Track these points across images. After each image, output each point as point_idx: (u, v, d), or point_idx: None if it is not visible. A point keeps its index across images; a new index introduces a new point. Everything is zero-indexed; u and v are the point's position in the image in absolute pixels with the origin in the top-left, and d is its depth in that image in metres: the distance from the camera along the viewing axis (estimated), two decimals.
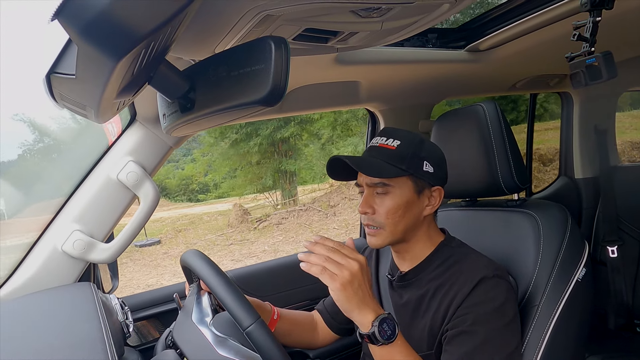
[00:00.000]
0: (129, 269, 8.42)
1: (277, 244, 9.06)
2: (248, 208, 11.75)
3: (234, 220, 10.93)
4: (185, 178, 24.74)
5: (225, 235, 10.25)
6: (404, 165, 1.04)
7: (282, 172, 12.20)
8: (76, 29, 0.45)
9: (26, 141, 14.18)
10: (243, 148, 11.54)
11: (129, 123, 1.35)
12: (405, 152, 1.05)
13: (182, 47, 0.87)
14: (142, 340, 1.55)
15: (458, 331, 0.96)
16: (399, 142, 1.06)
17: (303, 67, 1.33)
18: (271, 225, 10.45)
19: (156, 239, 10.51)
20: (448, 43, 1.61)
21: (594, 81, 1.01)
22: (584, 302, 1.16)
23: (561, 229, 1.19)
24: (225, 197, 17.83)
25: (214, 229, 11.06)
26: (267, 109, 0.62)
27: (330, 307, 1.36)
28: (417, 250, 1.11)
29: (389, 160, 1.04)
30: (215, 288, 0.97)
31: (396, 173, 1.03)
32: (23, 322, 1.00)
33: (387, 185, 1.05)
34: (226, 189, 14.43)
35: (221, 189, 14.93)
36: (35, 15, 3.07)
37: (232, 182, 13.55)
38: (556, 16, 1.28)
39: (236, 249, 8.99)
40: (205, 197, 21.68)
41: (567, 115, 2.45)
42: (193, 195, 22.55)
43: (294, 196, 12.47)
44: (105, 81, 0.55)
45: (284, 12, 0.77)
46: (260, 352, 0.89)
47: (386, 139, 1.09)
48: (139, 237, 10.34)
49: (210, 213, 13.05)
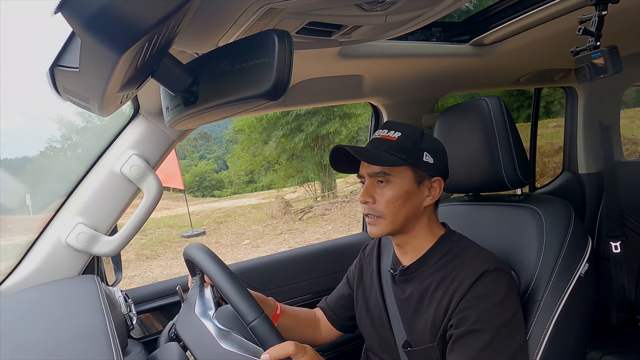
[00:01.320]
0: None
1: (328, 233, 9.34)
2: (289, 200, 12.24)
3: (277, 211, 11.33)
4: (199, 174, 25.55)
5: (272, 225, 10.57)
6: (404, 155, 1.05)
7: (322, 166, 12.71)
8: (80, 21, 0.45)
9: (53, 137, 14.42)
10: (289, 143, 12.12)
11: (132, 116, 1.35)
12: (406, 142, 1.07)
13: (186, 41, 0.87)
14: (146, 333, 1.56)
15: (464, 330, 0.96)
16: (400, 133, 1.08)
17: (306, 60, 1.33)
18: (315, 216, 10.79)
19: (201, 230, 10.81)
20: (452, 37, 1.60)
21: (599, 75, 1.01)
22: (587, 298, 1.15)
23: (564, 224, 1.18)
24: (241, 193, 18.29)
25: (255, 221, 11.43)
26: (270, 102, 0.62)
27: (332, 304, 1.37)
28: (418, 242, 1.12)
29: (390, 150, 1.06)
30: (219, 282, 0.98)
31: (396, 162, 1.05)
32: (27, 314, 1.00)
33: (388, 175, 1.06)
34: (266, 182, 14.85)
35: (261, 182, 15.32)
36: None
37: (271, 175, 14.01)
38: (561, 10, 1.27)
39: (289, 238, 9.25)
40: (221, 193, 22.13)
41: (571, 110, 2.44)
42: (207, 191, 22.89)
43: (333, 189, 12.97)
44: (108, 74, 0.55)
45: (288, 5, 0.77)
46: (264, 346, 0.89)
47: (387, 131, 1.11)
48: (185, 228, 10.90)
49: (242, 206, 13.45)
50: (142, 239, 10.28)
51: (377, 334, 1.20)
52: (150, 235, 10.70)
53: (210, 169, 26.67)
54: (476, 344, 0.94)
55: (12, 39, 27.15)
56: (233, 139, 18.50)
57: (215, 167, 27.55)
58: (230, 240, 9.81)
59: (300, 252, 1.90)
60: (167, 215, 13.83)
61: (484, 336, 0.94)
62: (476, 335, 0.95)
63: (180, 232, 10.94)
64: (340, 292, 1.37)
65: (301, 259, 1.86)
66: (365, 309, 1.25)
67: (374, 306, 1.22)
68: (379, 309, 1.19)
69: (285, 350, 0.88)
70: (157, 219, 12.73)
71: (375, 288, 1.23)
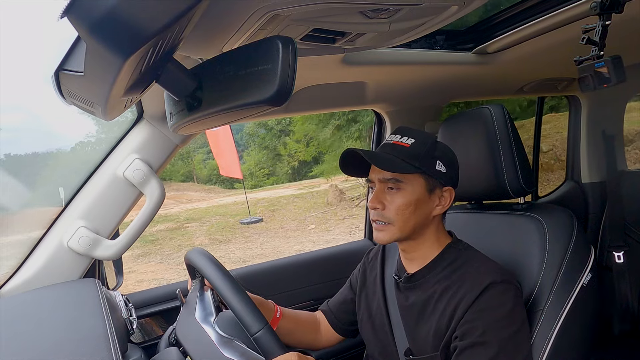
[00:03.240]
0: (262, 239, 9.13)
1: None
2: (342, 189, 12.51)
3: (333, 199, 11.59)
4: (216, 167, 26.08)
5: (331, 212, 10.85)
6: (417, 163, 1.04)
7: None
8: (85, 26, 0.45)
9: (89, 132, 14.84)
10: (345, 133, 12.27)
11: (136, 121, 1.35)
12: (419, 150, 1.06)
13: (190, 46, 0.87)
14: (146, 338, 1.55)
15: (470, 342, 0.95)
16: (414, 140, 1.07)
17: (310, 67, 1.33)
18: None
19: (258, 217, 11.01)
20: (456, 45, 1.60)
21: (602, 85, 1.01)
22: (589, 308, 1.15)
23: (567, 233, 1.18)
24: (262, 186, 18.89)
25: (308, 208, 11.70)
26: (273, 108, 0.62)
27: (334, 307, 1.36)
28: (425, 250, 1.11)
29: (403, 157, 1.05)
30: (223, 291, 0.97)
31: (409, 169, 1.04)
32: (28, 317, 1.00)
33: (399, 182, 1.05)
34: (317, 172, 15.24)
35: (315, 171, 15.77)
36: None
37: (324, 165, 14.47)
38: (565, 19, 1.28)
39: (355, 222, 9.46)
40: (240, 186, 22.90)
41: (574, 119, 2.44)
42: (224, 184, 23.43)
43: None
44: (113, 79, 0.55)
45: (292, 12, 0.77)
46: (268, 358, 0.89)
47: (401, 136, 1.09)
48: (243, 215, 11.16)
49: (284, 196, 13.79)
50: (203, 226, 10.68)
51: (378, 340, 1.20)
52: (207, 223, 11.04)
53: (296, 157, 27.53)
54: (482, 357, 0.93)
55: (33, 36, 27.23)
56: (254, 132, 20.25)
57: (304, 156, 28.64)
58: (294, 225, 10.09)
59: (302, 259, 1.89)
60: (208, 205, 14.16)
61: (490, 349, 0.93)
62: (482, 347, 0.94)
63: (233, 219, 11.20)
64: (342, 296, 1.36)
65: (302, 265, 1.86)
66: (367, 314, 1.24)
67: (376, 312, 1.21)
68: (381, 315, 1.19)
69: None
70: (203, 209, 13.26)
71: (378, 294, 1.22)
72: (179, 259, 7.97)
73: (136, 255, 8.63)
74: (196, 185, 23.27)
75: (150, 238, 9.77)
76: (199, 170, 25.39)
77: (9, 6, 7.99)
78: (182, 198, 16.87)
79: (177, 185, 22.51)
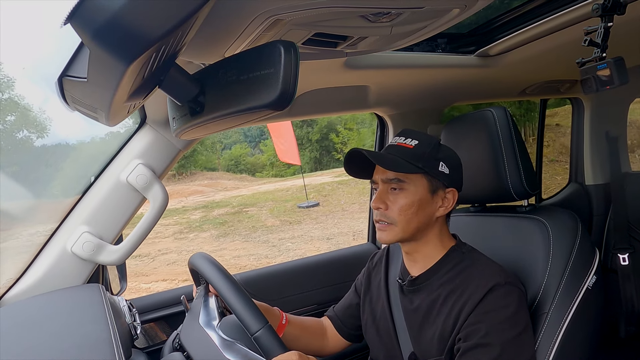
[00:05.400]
0: (331, 220, 9.71)
1: None
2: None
3: None
4: (234, 158, 27.45)
5: None
6: (420, 163, 1.05)
7: None
8: (88, 32, 0.46)
9: (126, 122, 15.22)
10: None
11: (139, 126, 1.36)
12: (423, 151, 1.07)
13: (193, 51, 0.88)
14: (150, 343, 1.55)
15: (473, 344, 0.95)
16: (417, 141, 1.08)
17: (312, 71, 1.34)
18: None
19: (315, 201, 11.37)
20: (458, 48, 1.60)
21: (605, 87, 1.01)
22: (594, 310, 1.14)
23: (571, 235, 1.17)
24: (283, 176, 20.19)
25: (357, 194, 11.99)
26: (276, 112, 0.62)
27: (340, 312, 1.36)
28: (428, 252, 1.11)
29: (406, 158, 1.06)
30: (224, 292, 0.97)
31: (412, 169, 1.04)
32: (32, 323, 1.01)
33: (402, 182, 1.06)
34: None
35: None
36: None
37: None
38: (567, 21, 1.27)
39: None
40: (262, 175, 24.03)
41: (577, 121, 2.43)
42: (243, 174, 23.99)
43: None
44: (116, 84, 0.55)
45: (294, 16, 0.77)
46: (268, 357, 0.89)
47: (405, 138, 1.11)
48: (294, 201, 11.65)
49: (328, 183, 14.18)
50: (262, 210, 11.26)
51: (382, 344, 1.19)
52: (264, 207, 11.56)
53: (244, 153, 28.52)
54: (484, 358, 0.93)
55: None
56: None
57: (248, 150, 29.61)
58: (355, 209, 10.50)
59: (305, 262, 1.89)
60: (252, 192, 14.64)
61: (493, 350, 0.93)
62: (485, 349, 0.94)
63: (288, 204, 11.64)
64: (348, 301, 1.36)
65: (306, 269, 1.85)
66: (371, 318, 1.24)
67: (381, 316, 1.21)
68: (386, 318, 1.19)
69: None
70: (249, 195, 13.91)
71: (383, 297, 1.22)
72: (258, 238, 8.73)
73: (215, 235, 9.31)
74: (227, 174, 24.07)
75: (218, 221, 10.47)
76: (216, 161, 26.45)
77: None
78: (218, 186, 17.36)
79: (210, 174, 23.32)
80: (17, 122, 16.10)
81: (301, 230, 9.09)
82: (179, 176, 23.05)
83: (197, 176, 22.68)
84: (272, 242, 8.55)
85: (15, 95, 17.23)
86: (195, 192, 16.52)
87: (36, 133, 15.34)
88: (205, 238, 9.44)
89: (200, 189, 17.18)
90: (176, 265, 7.60)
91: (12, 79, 16.96)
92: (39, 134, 15.32)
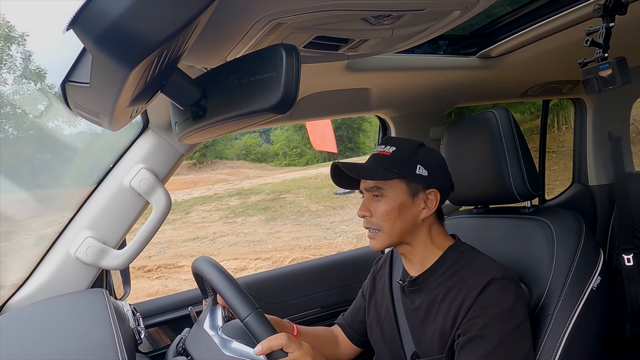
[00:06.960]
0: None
1: None
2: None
3: None
4: (245, 147, 28.29)
5: None
6: (396, 169, 1.07)
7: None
8: (91, 38, 0.46)
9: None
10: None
11: (141, 131, 1.36)
12: (399, 157, 1.09)
13: (194, 56, 0.88)
14: (154, 347, 1.55)
15: (470, 337, 0.96)
16: (395, 148, 1.11)
17: (314, 74, 1.34)
18: None
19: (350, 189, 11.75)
20: (459, 50, 1.60)
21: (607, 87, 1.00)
22: (599, 311, 1.14)
23: (575, 236, 1.17)
24: (295, 165, 20.82)
25: None
26: (278, 116, 0.62)
27: (349, 319, 1.37)
28: (422, 253, 1.12)
29: (383, 165, 1.09)
30: (215, 282, 1.00)
31: (386, 176, 1.07)
32: (36, 328, 1.01)
33: (381, 189, 1.08)
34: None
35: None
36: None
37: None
38: (569, 22, 1.27)
39: None
40: (274, 164, 24.59)
41: (580, 121, 2.43)
42: (254, 163, 24.34)
43: None
44: (118, 89, 0.56)
45: (295, 20, 0.77)
46: (258, 340, 0.90)
47: (385, 146, 1.13)
48: (335, 187, 11.77)
49: None
50: (299, 197, 11.64)
51: (386, 346, 1.20)
52: (300, 194, 11.95)
53: (254, 143, 29.49)
54: (482, 349, 0.94)
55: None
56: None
57: (258, 140, 30.72)
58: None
59: (310, 265, 1.89)
60: (276, 181, 14.98)
61: (491, 341, 0.94)
62: (482, 340, 0.95)
63: (322, 191, 12.00)
64: (356, 307, 1.37)
65: (310, 272, 1.85)
66: (376, 320, 1.25)
67: (385, 317, 1.22)
68: (390, 320, 1.19)
69: (277, 341, 0.89)
70: (279, 183, 14.43)
71: (387, 300, 1.23)
72: (308, 222, 9.21)
73: (263, 220, 9.66)
74: (247, 163, 24.65)
75: (260, 206, 10.90)
76: (226, 151, 27.11)
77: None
78: (240, 175, 17.66)
79: (230, 163, 23.74)
80: (48, 112, 16.37)
81: (348, 215, 9.34)
82: (200, 165, 23.22)
83: (217, 165, 22.89)
84: (324, 225, 8.86)
85: (46, 85, 17.51)
86: (220, 180, 16.85)
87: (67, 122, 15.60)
88: (255, 222, 9.69)
89: (224, 177, 17.55)
90: (238, 247, 7.91)
91: (43, 70, 17.22)
92: (70, 123, 15.60)
